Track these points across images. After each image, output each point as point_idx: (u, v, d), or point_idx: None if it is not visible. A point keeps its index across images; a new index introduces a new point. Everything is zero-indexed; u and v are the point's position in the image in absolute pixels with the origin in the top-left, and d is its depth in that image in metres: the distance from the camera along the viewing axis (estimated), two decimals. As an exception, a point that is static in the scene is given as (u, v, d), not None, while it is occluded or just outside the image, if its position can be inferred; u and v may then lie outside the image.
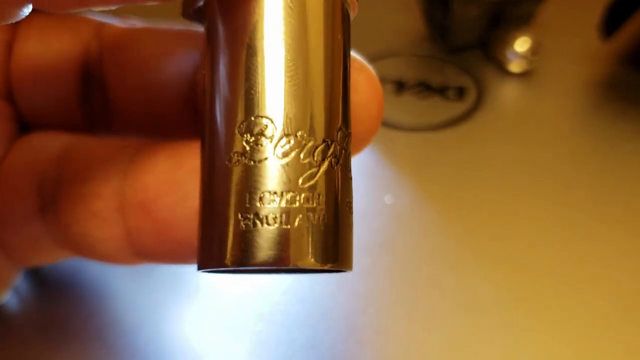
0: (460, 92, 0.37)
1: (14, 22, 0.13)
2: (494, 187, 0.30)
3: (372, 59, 0.40)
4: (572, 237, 0.27)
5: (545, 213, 0.28)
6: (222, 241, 0.13)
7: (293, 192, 0.13)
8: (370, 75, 0.17)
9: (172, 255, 0.18)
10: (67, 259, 0.21)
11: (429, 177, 0.31)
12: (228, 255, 0.13)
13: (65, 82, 0.20)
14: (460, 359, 0.22)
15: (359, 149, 0.17)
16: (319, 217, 0.13)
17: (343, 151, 0.14)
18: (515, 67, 0.38)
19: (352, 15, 0.16)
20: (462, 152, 0.32)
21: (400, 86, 0.37)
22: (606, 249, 0.26)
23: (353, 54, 0.16)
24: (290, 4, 0.14)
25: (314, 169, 0.14)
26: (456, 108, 0.35)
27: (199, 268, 0.14)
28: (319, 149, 0.14)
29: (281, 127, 0.14)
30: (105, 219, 0.18)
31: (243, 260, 0.13)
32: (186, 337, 0.22)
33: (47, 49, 0.20)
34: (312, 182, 0.13)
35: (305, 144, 0.14)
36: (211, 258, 0.14)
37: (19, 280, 0.22)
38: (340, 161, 0.14)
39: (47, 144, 0.20)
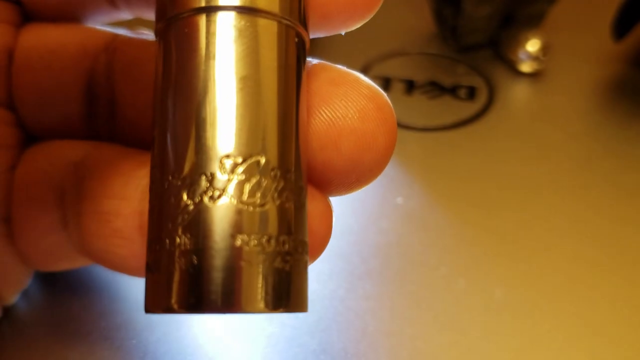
0: (471, 92, 0.37)
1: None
2: (505, 187, 0.30)
3: (382, 58, 0.39)
4: (584, 238, 0.26)
5: (557, 213, 0.28)
6: (174, 284, 0.13)
7: (168, 237, 0.13)
8: (382, 102, 0.16)
9: None
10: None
11: (440, 177, 0.30)
12: (173, 300, 0.13)
13: (69, 96, 0.20)
14: (473, 364, 0.22)
15: (368, 179, 0.17)
16: (189, 260, 0.13)
17: (237, 181, 0.13)
18: (526, 67, 0.38)
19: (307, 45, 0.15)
20: (474, 152, 0.32)
21: (410, 86, 0.37)
22: (619, 250, 0.26)
23: (367, 80, 0.16)
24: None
25: (190, 208, 0.13)
26: (467, 108, 0.35)
27: (147, 311, 0.14)
28: (194, 186, 0.13)
29: (164, 172, 0.13)
30: (126, 237, 0.18)
31: (190, 307, 0.13)
32: (196, 339, 0.22)
33: (52, 61, 0.20)
34: (183, 222, 0.13)
35: (180, 184, 0.13)
36: (159, 301, 0.13)
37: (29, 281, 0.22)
38: (231, 193, 0.13)
39: (65, 154, 0.20)
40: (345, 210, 0.28)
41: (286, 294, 0.13)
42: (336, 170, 0.16)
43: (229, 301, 0.12)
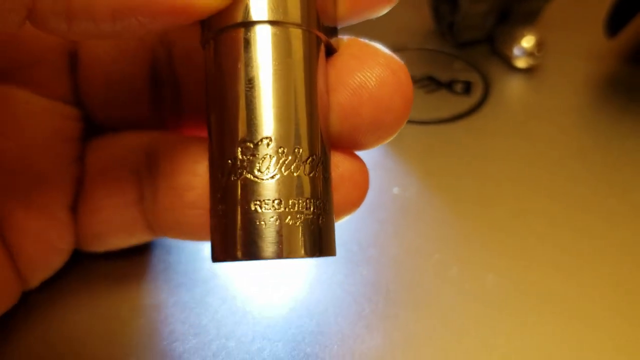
0: (467, 87, 0.37)
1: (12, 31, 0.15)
2: (499, 179, 0.30)
3: (381, 52, 0.40)
4: (575, 231, 0.27)
5: (550, 206, 0.29)
6: (233, 239, 0.16)
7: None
8: (396, 67, 0.18)
9: None
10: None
11: (436, 169, 0.31)
12: (239, 251, 0.16)
13: (136, 85, 0.22)
14: (464, 346, 0.22)
15: (391, 134, 0.19)
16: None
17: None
18: (521, 62, 0.38)
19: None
20: (469, 145, 0.33)
21: (408, 80, 0.38)
22: (609, 243, 0.26)
23: (384, 50, 0.19)
24: (277, 47, 0.16)
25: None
26: (463, 102, 0.36)
27: (214, 260, 0.17)
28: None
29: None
30: (200, 208, 0.20)
31: (249, 256, 0.16)
32: (199, 320, 0.23)
33: (117, 54, 0.21)
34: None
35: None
36: (225, 252, 0.17)
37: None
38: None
39: (135, 141, 0.22)
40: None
41: (319, 243, 0.17)
42: (361, 133, 0.18)
43: (277, 250, 0.16)
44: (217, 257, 0.17)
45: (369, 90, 0.18)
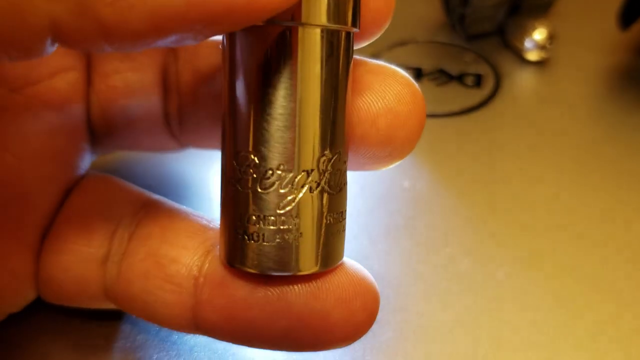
0: (478, 80, 0.37)
1: (39, 57, 0.14)
2: (510, 172, 0.30)
3: (392, 46, 0.40)
4: (587, 223, 0.27)
5: (560, 198, 0.29)
6: (234, 248, 0.17)
7: (273, 216, 0.16)
8: (415, 90, 0.18)
9: (236, 335, 0.18)
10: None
11: (446, 162, 0.31)
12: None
13: (149, 93, 0.22)
14: (475, 340, 0.22)
15: (400, 154, 0.19)
16: (294, 236, 0.16)
17: (327, 174, 0.16)
18: (532, 55, 0.38)
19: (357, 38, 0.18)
20: (480, 138, 0.33)
21: (419, 73, 0.38)
22: (622, 236, 0.26)
23: (403, 72, 0.19)
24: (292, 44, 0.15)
25: (292, 196, 0.16)
26: (474, 95, 0.36)
27: (228, 264, 0.17)
28: (297, 179, 0.16)
29: (264, 162, 0.16)
30: (176, 284, 0.19)
31: (243, 266, 0.16)
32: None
33: (131, 63, 0.21)
34: (289, 208, 0.16)
35: (285, 176, 0.16)
36: (233, 260, 0.17)
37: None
38: (322, 184, 0.16)
39: (131, 196, 0.21)
40: (355, 193, 0.29)
41: (332, 256, 0.17)
42: (372, 143, 0.18)
43: (333, 262, 0.17)
44: (228, 262, 0.17)
45: (388, 103, 0.18)
